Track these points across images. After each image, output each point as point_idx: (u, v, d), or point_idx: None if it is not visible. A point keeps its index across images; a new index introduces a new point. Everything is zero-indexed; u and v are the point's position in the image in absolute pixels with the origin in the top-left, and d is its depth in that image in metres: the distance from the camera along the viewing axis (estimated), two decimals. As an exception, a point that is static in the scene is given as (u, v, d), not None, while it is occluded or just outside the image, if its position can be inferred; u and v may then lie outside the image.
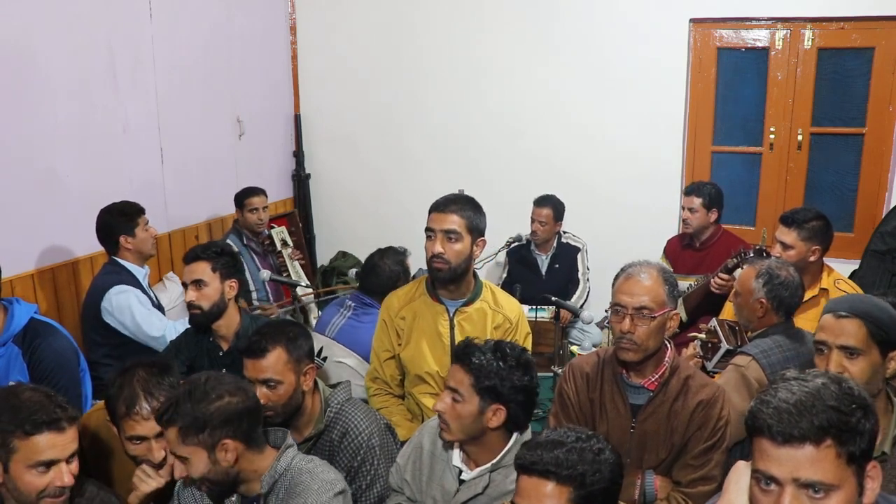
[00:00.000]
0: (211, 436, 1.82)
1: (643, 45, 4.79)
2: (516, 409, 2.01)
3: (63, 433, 1.81)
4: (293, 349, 2.21)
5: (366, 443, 2.25)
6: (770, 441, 1.28)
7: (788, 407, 1.27)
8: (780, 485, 1.27)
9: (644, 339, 2.10)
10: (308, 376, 2.25)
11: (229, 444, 1.84)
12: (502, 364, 1.98)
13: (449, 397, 2.00)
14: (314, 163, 5.69)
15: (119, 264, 3.28)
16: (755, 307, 2.73)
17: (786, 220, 3.16)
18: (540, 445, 1.60)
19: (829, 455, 1.25)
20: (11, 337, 2.55)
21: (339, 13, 5.42)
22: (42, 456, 1.78)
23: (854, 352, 1.98)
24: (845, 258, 4.39)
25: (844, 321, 2.00)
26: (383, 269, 3.30)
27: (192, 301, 2.68)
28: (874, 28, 4.43)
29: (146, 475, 2.02)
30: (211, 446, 1.83)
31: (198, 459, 1.83)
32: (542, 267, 4.59)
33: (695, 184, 4.12)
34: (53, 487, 1.79)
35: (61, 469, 1.80)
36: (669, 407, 2.14)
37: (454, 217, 2.47)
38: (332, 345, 3.09)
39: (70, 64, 3.58)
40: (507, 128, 5.17)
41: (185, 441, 1.82)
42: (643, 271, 2.15)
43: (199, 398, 1.83)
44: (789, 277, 2.69)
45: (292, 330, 2.26)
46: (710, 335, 2.81)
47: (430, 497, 2.10)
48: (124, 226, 3.27)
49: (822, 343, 2.03)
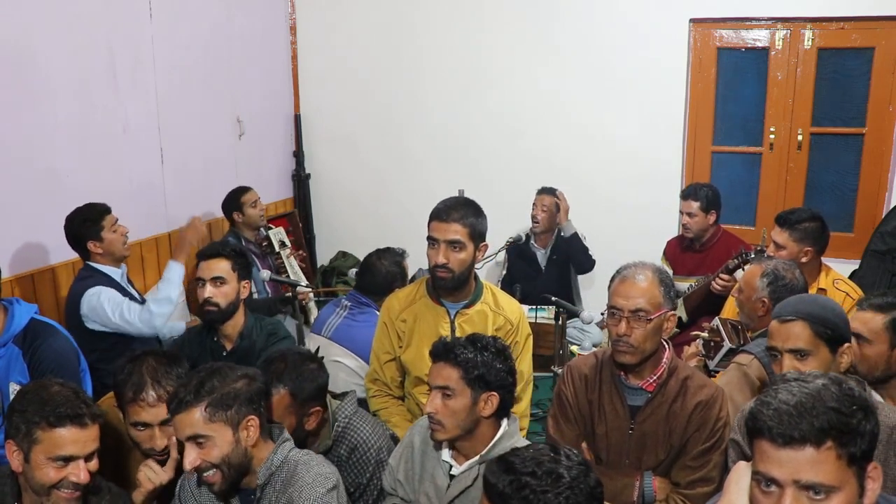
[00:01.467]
0: (238, 412, 1.84)
1: (643, 45, 4.79)
2: (505, 393, 2.04)
3: (85, 429, 1.84)
4: (298, 392, 2.17)
5: (374, 458, 2.24)
6: (770, 443, 1.28)
7: (788, 409, 1.27)
8: (781, 486, 1.27)
9: (641, 342, 2.10)
10: (313, 417, 2.20)
11: (252, 420, 1.86)
12: (485, 353, 2.01)
13: (439, 396, 2.00)
14: (314, 163, 5.69)
15: (92, 268, 3.23)
16: (756, 306, 2.73)
17: (779, 221, 3.19)
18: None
19: (830, 457, 1.25)
20: (12, 338, 2.54)
21: (339, 13, 5.42)
22: (62, 450, 1.81)
23: (803, 353, 2.02)
24: (845, 258, 4.39)
25: (789, 325, 2.04)
26: (380, 270, 3.30)
27: (211, 298, 2.67)
28: (874, 28, 4.43)
29: (151, 471, 2.02)
30: (237, 423, 1.85)
31: (222, 438, 1.83)
32: (542, 261, 4.60)
33: (690, 187, 4.10)
34: (68, 482, 1.82)
35: (79, 465, 1.83)
36: (668, 408, 2.14)
37: (457, 226, 2.45)
38: (330, 345, 3.09)
39: (70, 64, 3.58)
40: (507, 128, 5.16)
41: (213, 418, 1.82)
42: (639, 273, 2.15)
43: (223, 376, 1.88)
44: (794, 280, 2.69)
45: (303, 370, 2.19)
46: (712, 334, 2.82)
47: (424, 494, 2.11)
48: (89, 230, 3.20)
49: (773, 349, 2.08)
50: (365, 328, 3.05)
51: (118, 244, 3.26)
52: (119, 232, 3.28)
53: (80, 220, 3.22)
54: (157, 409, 2.03)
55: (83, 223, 3.22)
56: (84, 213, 3.24)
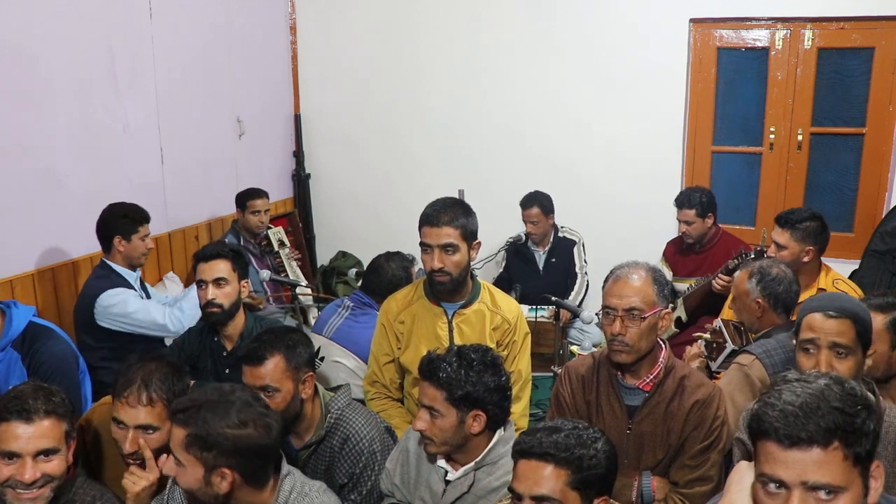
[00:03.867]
0: (215, 458, 1.73)
1: (643, 45, 4.79)
2: (494, 409, 2.01)
3: (31, 424, 1.79)
4: (292, 357, 2.20)
5: (367, 448, 2.25)
6: (777, 444, 1.26)
7: (794, 409, 1.26)
8: (788, 488, 1.26)
9: (636, 341, 2.10)
10: (307, 384, 2.24)
11: (227, 473, 1.74)
12: (470, 371, 1.97)
13: (426, 415, 2.00)
14: (314, 163, 5.69)
15: (109, 267, 3.25)
16: (753, 308, 2.75)
17: (780, 221, 3.19)
18: (539, 431, 1.66)
19: (837, 457, 1.24)
20: (10, 341, 2.53)
21: (339, 13, 5.42)
22: (6, 445, 1.77)
23: (846, 351, 2.01)
24: (845, 258, 4.39)
25: (836, 321, 2.02)
26: (386, 272, 3.30)
27: (213, 299, 2.67)
28: (874, 28, 4.43)
29: (135, 476, 2.01)
30: (210, 468, 1.74)
31: (192, 473, 1.75)
32: (540, 262, 4.59)
33: (684, 195, 4.08)
34: (15, 481, 1.78)
35: (25, 464, 1.78)
36: (665, 407, 2.14)
37: (448, 230, 2.45)
38: (330, 345, 3.09)
39: (70, 64, 3.58)
40: (507, 128, 5.16)
41: (188, 450, 1.74)
42: (632, 273, 2.15)
43: (221, 414, 1.74)
44: (781, 273, 2.72)
45: (292, 337, 2.25)
46: (715, 335, 2.82)
47: (419, 499, 2.11)
48: (124, 227, 3.24)
49: (811, 342, 2.04)
50: (366, 329, 3.05)
51: (138, 252, 3.30)
52: (146, 244, 3.32)
53: (121, 214, 3.26)
54: (135, 411, 2.00)
55: (122, 217, 3.25)
56: (127, 209, 3.29)
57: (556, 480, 1.60)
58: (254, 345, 2.22)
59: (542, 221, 4.46)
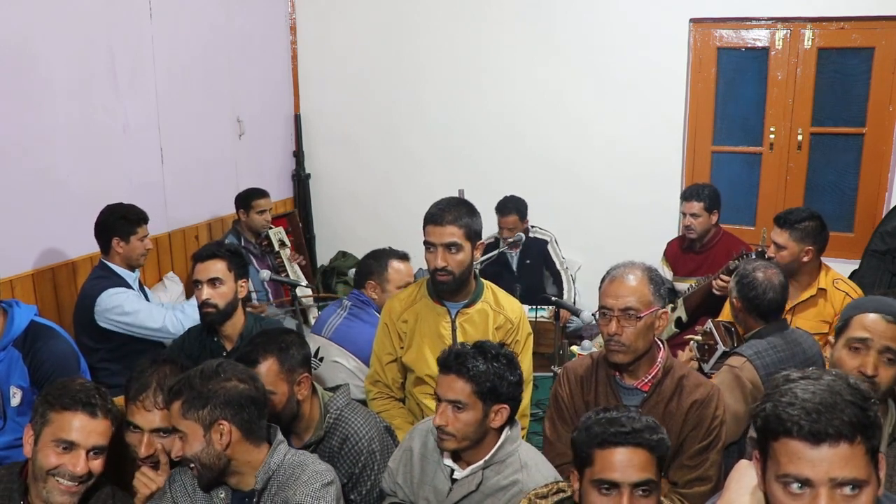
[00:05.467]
0: (210, 414, 1.84)
1: (643, 45, 4.78)
2: (514, 404, 2.05)
3: (94, 419, 1.87)
4: (285, 359, 2.21)
5: (366, 448, 2.25)
6: (802, 442, 1.24)
7: (815, 406, 1.24)
8: (813, 486, 1.23)
9: (632, 340, 2.10)
10: (303, 385, 2.24)
11: (225, 426, 1.85)
12: (495, 364, 2.00)
13: (450, 410, 1.99)
14: (314, 163, 5.69)
15: (108, 268, 3.26)
16: (735, 307, 2.78)
17: (779, 221, 3.19)
18: (613, 422, 1.69)
19: (860, 451, 1.23)
20: (12, 341, 2.53)
21: (339, 13, 5.42)
22: (66, 434, 1.84)
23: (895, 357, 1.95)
24: (845, 258, 4.39)
25: (893, 326, 1.95)
26: (360, 265, 3.30)
27: (209, 299, 2.68)
28: (874, 28, 4.43)
29: (146, 478, 2.04)
30: (208, 424, 1.84)
31: (194, 436, 1.84)
32: (513, 262, 4.59)
33: (692, 188, 4.08)
34: (64, 470, 1.83)
35: (79, 455, 1.84)
36: (664, 408, 2.14)
37: (452, 228, 2.46)
38: (329, 345, 3.08)
39: (70, 64, 3.59)
40: (507, 128, 5.16)
41: (186, 415, 1.85)
42: (628, 272, 2.16)
43: (208, 376, 1.88)
44: (761, 278, 2.68)
45: (285, 339, 2.26)
46: (706, 337, 2.83)
47: (423, 499, 2.11)
48: (122, 228, 3.25)
49: (862, 341, 1.96)
50: (363, 328, 3.05)
51: (137, 253, 3.31)
52: (144, 245, 3.33)
53: (119, 216, 3.27)
54: (151, 415, 2.04)
55: (120, 219, 3.26)
56: (124, 210, 3.29)
57: (655, 466, 1.67)
58: (247, 348, 2.24)
59: (517, 227, 4.45)
